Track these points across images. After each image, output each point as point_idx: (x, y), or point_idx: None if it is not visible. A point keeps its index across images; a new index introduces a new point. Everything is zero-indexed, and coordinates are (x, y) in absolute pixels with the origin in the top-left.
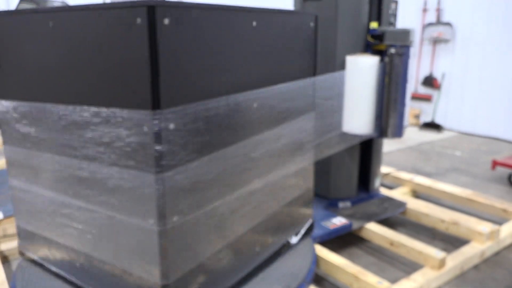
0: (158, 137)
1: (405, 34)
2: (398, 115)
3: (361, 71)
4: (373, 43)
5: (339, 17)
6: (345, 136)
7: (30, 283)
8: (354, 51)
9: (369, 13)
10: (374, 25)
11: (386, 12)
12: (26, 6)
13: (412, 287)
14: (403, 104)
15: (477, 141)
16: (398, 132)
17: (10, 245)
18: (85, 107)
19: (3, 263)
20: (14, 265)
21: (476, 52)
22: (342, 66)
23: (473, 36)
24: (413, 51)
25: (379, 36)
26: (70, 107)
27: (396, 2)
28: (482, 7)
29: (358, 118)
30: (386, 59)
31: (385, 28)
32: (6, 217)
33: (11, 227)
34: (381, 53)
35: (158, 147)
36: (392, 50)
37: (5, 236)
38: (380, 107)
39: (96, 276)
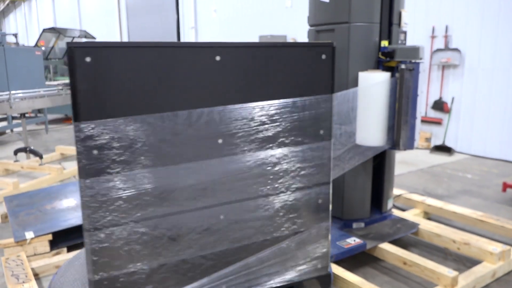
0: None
1: (415, 50)
2: (410, 128)
3: (374, 87)
4: (384, 60)
5: (351, 43)
6: (359, 148)
7: None
8: (366, 68)
9: (379, 34)
10: (385, 43)
11: (396, 31)
12: (49, 35)
13: None
14: (414, 117)
15: (488, 163)
16: (410, 144)
17: (40, 263)
18: None
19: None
20: (44, 282)
21: (485, 77)
22: (354, 82)
23: (481, 61)
24: (423, 67)
25: (389, 54)
26: None
27: (405, 33)
28: (489, 34)
29: (370, 130)
30: (397, 74)
31: (395, 45)
32: (36, 236)
33: (41, 245)
34: (392, 69)
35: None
36: (403, 66)
37: (35, 255)
38: (392, 120)
39: None
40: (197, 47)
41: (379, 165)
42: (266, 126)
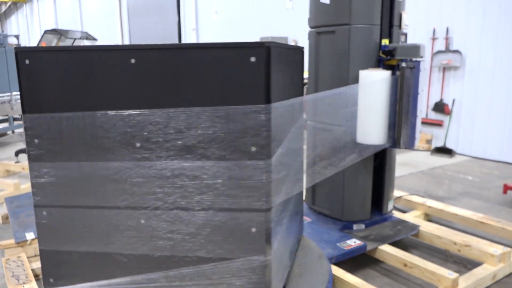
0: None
1: (416, 48)
2: (410, 126)
3: (374, 85)
4: (385, 59)
5: (352, 44)
6: (360, 146)
7: None
8: (366, 66)
9: (380, 36)
10: (385, 41)
11: (397, 33)
12: (50, 36)
13: None
14: (414, 116)
15: (489, 165)
16: (411, 143)
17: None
18: None
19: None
20: None
21: (485, 79)
22: (355, 80)
23: (482, 63)
24: (423, 65)
25: (390, 52)
26: None
27: (406, 34)
28: (490, 35)
29: (371, 129)
30: (398, 72)
31: (396, 44)
32: (37, 237)
33: None
34: (392, 68)
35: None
36: (404, 64)
37: (36, 256)
38: (392, 119)
39: None
40: (112, 50)
41: (379, 166)
42: (184, 134)
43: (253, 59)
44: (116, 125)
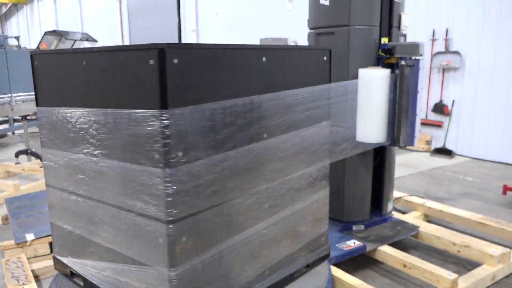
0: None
1: (415, 47)
2: (410, 124)
3: (373, 83)
4: (384, 57)
5: (351, 46)
6: (359, 144)
7: None
8: (366, 67)
9: (379, 37)
10: (385, 40)
11: (396, 34)
12: (51, 37)
13: None
14: (414, 114)
15: (489, 166)
16: (410, 141)
17: (41, 265)
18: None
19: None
20: (45, 283)
21: (485, 80)
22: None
23: (481, 64)
24: (423, 64)
25: (389, 50)
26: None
27: (405, 35)
28: (489, 36)
29: (371, 127)
30: (397, 71)
31: (395, 42)
32: (37, 238)
33: (41, 247)
34: (392, 66)
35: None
36: (403, 62)
37: (36, 257)
38: (392, 117)
39: None
40: (65, 53)
41: (379, 167)
42: (102, 135)
43: (151, 61)
44: (79, 121)
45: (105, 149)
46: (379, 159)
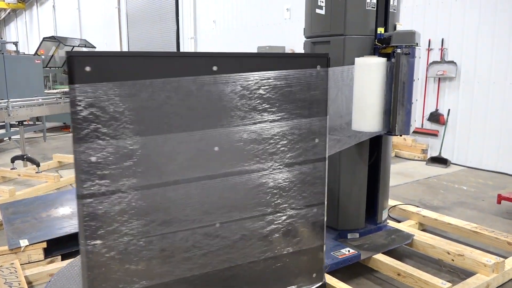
0: None
1: (411, 35)
2: (406, 113)
3: (369, 71)
4: (380, 47)
5: (347, 55)
6: (355, 133)
7: None
8: (362, 54)
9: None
10: (380, 30)
11: (392, 20)
12: (49, 44)
13: None
14: (410, 102)
15: (484, 175)
16: (406, 130)
17: (34, 271)
18: None
19: None
20: None
21: (480, 89)
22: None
23: (477, 74)
24: (418, 53)
25: (385, 40)
26: None
27: None
28: (485, 46)
29: (366, 116)
30: (393, 59)
31: (391, 32)
32: (31, 244)
33: (35, 253)
34: (388, 56)
35: None
36: (399, 50)
37: (30, 262)
38: (388, 106)
39: None
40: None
41: (374, 175)
42: None
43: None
44: None
45: None
46: (374, 157)
